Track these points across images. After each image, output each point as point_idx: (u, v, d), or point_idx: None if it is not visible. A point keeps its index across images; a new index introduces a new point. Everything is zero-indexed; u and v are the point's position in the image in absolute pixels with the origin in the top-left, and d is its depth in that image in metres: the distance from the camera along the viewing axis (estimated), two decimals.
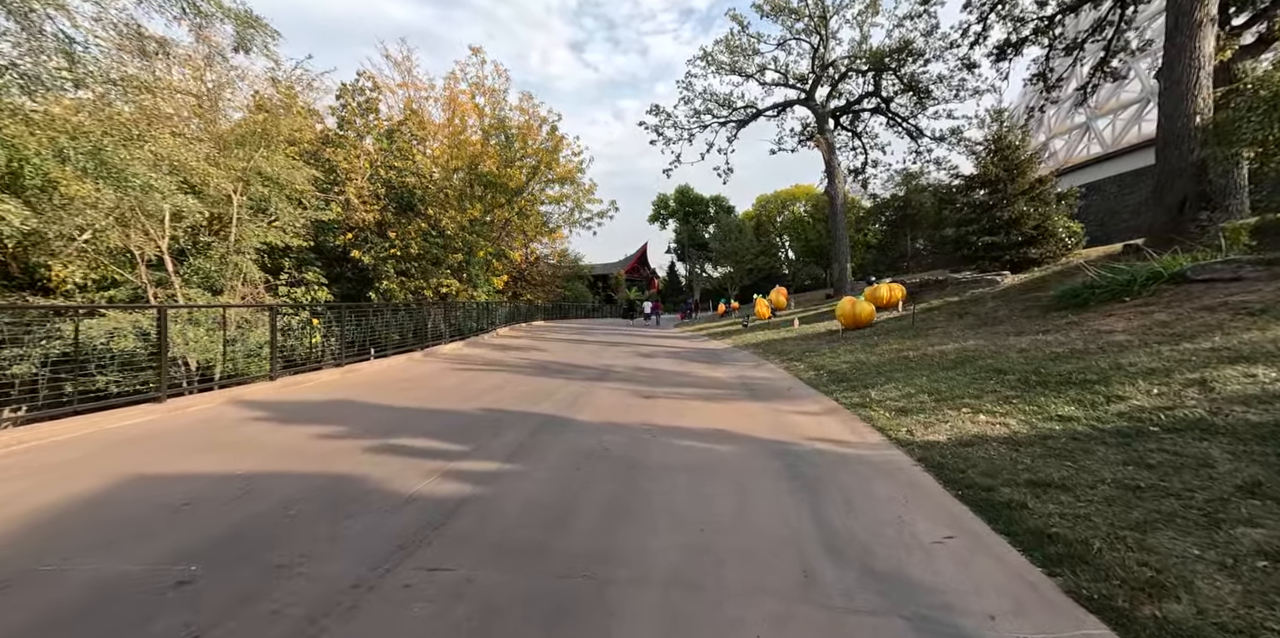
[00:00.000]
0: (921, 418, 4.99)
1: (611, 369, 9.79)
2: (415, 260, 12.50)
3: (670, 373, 9.37)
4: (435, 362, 9.96)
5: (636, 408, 6.20)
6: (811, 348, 11.28)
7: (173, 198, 7.18)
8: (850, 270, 23.60)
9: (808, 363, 9.55)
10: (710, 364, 10.63)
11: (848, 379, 7.52)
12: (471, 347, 13.00)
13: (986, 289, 11.88)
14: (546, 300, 33.06)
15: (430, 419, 5.30)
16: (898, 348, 8.92)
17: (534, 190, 19.42)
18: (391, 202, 12.48)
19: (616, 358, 11.68)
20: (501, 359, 10.91)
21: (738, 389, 7.73)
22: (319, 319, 10.47)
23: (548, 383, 7.99)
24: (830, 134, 24.88)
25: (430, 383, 7.58)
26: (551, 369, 9.67)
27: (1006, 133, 13.29)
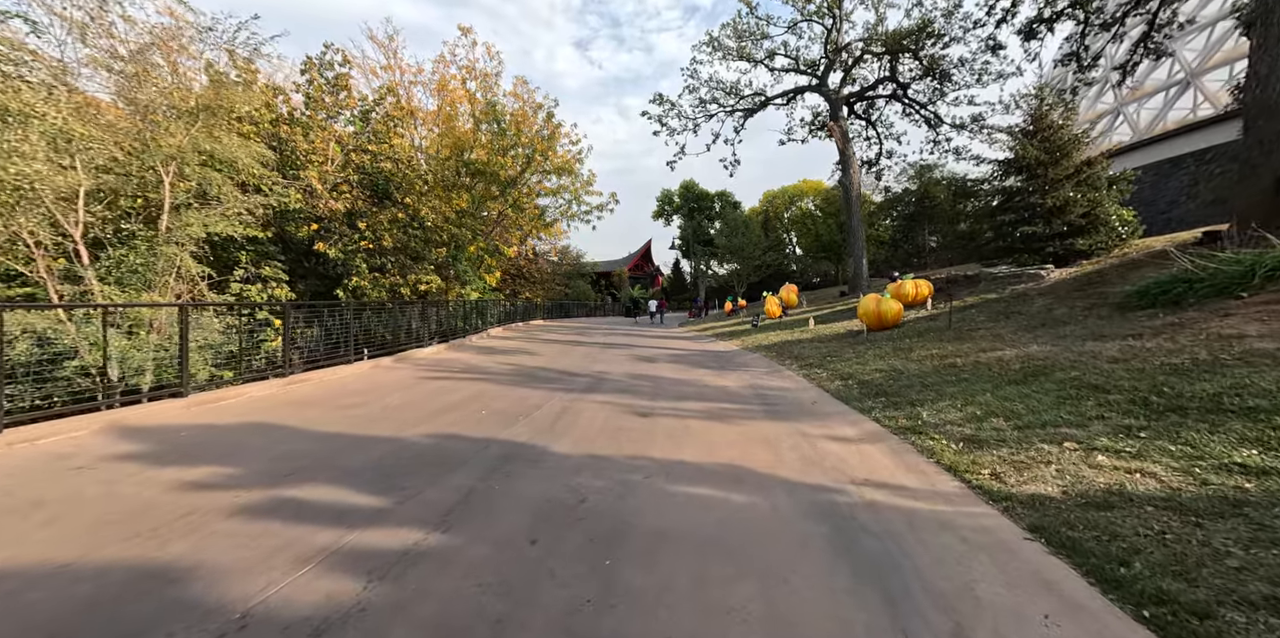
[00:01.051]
0: (1006, 454, 3.73)
1: (606, 377, 8.57)
2: (391, 255, 11.31)
3: (672, 382, 8.14)
4: (406, 369, 8.79)
5: (629, 432, 4.99)
6: (833, 352, 10.01)
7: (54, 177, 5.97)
8: (867, 266, 22.25)
9: (831, 370, 8.29)
10: (718, 371, 9.39)
11: (885, 392, 6.26)
12: (454, 350, 11.82)
13: (1029, 285, 10.56)
14: (547, 299, 31.90)
15: (359, 453, 4.10)
16: (938, 354, 7.63)
17: (529, 182, 18.18)
18: (365, 189, 11.29)
19: (613, 363, 10.47)
20: (483, 365, 9.72)
21: (752, 403, 6.49)
22: (280, 321, 9.32)
23: (528, 396, 6.79)
24: (844, 121, 23.50)
25: (387, 397, 6.39)
26: (538, 377, 8.46)
27: (1048, 110, 11.92)
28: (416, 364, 9.28)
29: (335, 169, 10.78)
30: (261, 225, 9.52)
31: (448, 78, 18.23)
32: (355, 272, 10.61)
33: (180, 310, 5.53)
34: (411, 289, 11.64)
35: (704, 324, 24.06)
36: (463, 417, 5.50)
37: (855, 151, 24.11)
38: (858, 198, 22.45)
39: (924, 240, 27.15)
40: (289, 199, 9.13)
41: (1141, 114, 26.83)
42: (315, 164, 10.17)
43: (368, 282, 10.75)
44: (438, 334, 12.37)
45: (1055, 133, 11.72)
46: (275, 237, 10.10)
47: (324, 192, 9.80)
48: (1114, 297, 7.47)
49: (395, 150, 11.55)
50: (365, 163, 11.06)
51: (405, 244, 11.52)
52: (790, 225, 52.62)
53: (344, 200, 10.62)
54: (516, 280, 29.68)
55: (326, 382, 7.21)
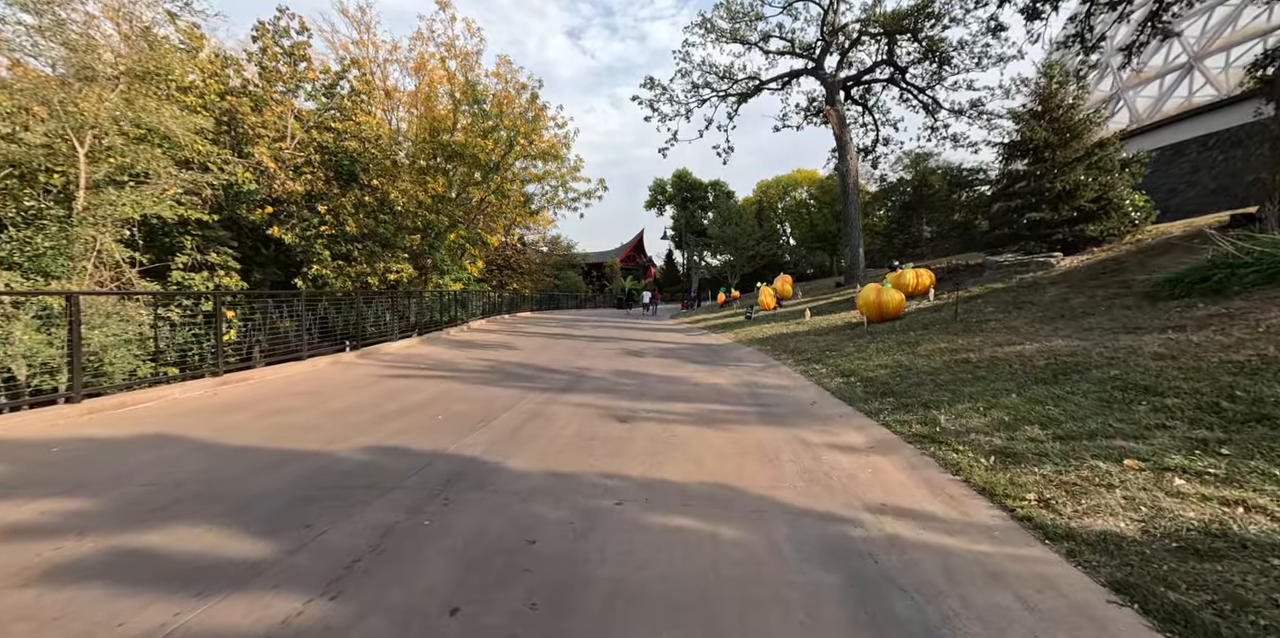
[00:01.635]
0: (1051, 473, 3.09)
1: (587, 374, 7.89)
2: (358, 241, 10.47)
3: (660, 379, 7.47)
4: (368, 365, 8.05)
5: (605, 441, 4.31)
6: (831, 345, 9.37)
7: None
8: (863, 256, 21.62)
9: (831, 365, 7.65)
10: (710, 366, 8.73)
11: (894, 392, 5.61)
12: (428, 344, 11.06)
13: (1038, 274, 9.95)
14: (536, 290, 31.10)
15: (267, 475, 3.39)
16: (948, 348, 7.00)
17: (513, 167, 17.32)
18: (329, 170, 10.42)
19: (598, 357, 9.78)
20: (455, 361, 9.00)
21: (746, 404, 5.84)
22: (234, 312, 8.54)
23: (497, 397, 6.09)
24: (840, 106, 22.73)
25: (333, 400, 5.66)
26: (513, 375, 7.76)
27: (1057, 89, 11.24)
28: (381, 360, 8.54)
29: (295, 147, 9.90)
30: (210, 208, 8.67)
31: (426, 56, 17.28)
32: (316, 259, 9.78)
33: (68, 300, 4.74)
34: (380, 279, 10.85)
35: (696, 316, 23.41)
36: (414, 423, 4.78)
37: (852, 138, 23.37)
38: (855, 185, 21.77)
39: (920, 230, 26.51)
40: (235, 177, 8.25)
41: (1139, 101, 26.26)
42: (266, 139, 9.27)
43: (331, 270, 9.92)
44: (412, 327, 11.61)
45: (1065, 113, 11.06)
46: (228, 221, 9.24)
47: (278, 171, 8.95)
48: (1139, 285, 6.85)
49: (362, 128, 10.69)
50: (329, 141, 10.19)
51: (373, 230, 10.68)
52: (785, 215, 51.96)
53: (303, 182, 9.76)
54: (504, 271, 28.83)
55: (270, 381, 6.47)
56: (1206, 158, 19.93)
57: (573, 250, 44.26)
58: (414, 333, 11.35)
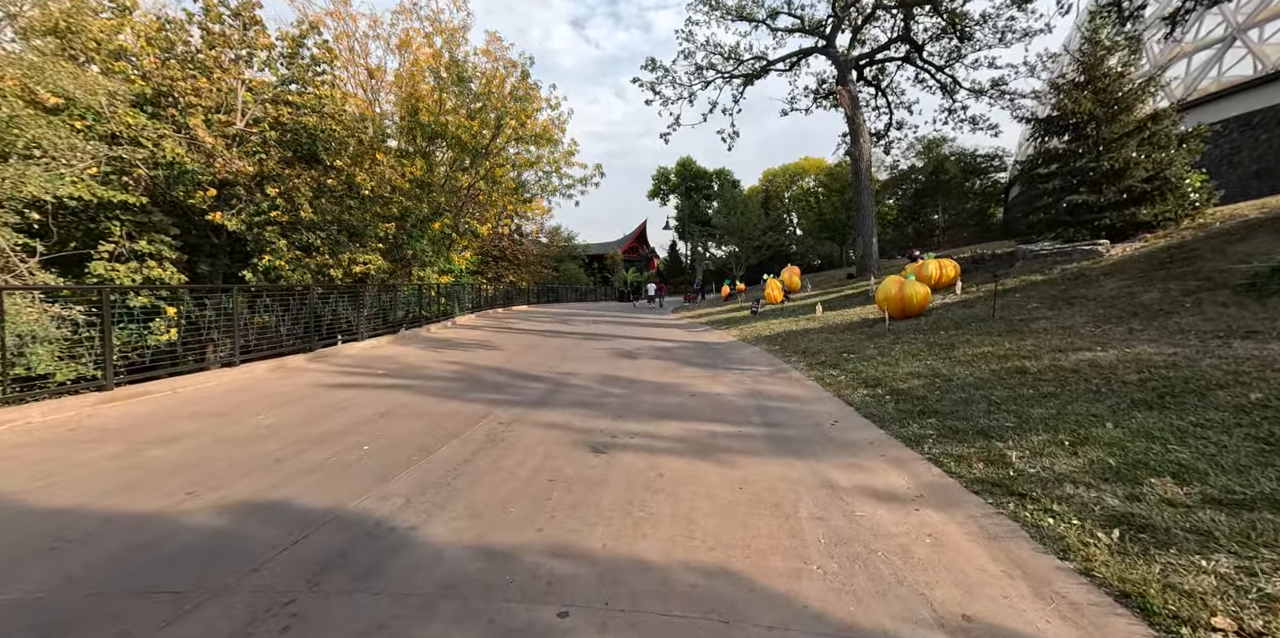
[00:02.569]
0: (1232, 570, 2.01)
1: (569, 381, 6.84)
2: (320, 229, 9.37)
3: (652, 388, 6.41)
4: (316, 371, 7.02)
5: (567, 487, 3.27)
6: (849, 346, 8.28)
7: None
8: (877, 246, 20.38)
9: (851, 372, 6.56)
10: (710, 370, 7.67)
11: (935, 410, 4.54)
12: (400, 343, 10.03)
13: (1084, 264, 8.78)
14: (533, 283, 30.03)
15: (32, 568, 2.35)
16: (993, 352, 5.89)
17: (505, 151, 16.16)
18: (288, 149, 9.29)
19: (587, 359, 8.74)
20: (423, 365, 7.97)
21: (753, 424, 4.78)
22: (175, 309, 7.53)
23: (454, 413, 5.06)
24: (853, 86, 21.36)
25: (238, 424, 4.60)
26: (483, 383, 6.72)
27: (1104, 56, 9.94)
28: (335, 365, 7.51)
29: (247, 123, 8.80)
30: (147, 190, 7.61)
31: (411, 33, 16.06)
32: (270, 249, 8.69)
33: None
34: (345, 271, 9.79)
35: (699, 310, 22.31)
36: (329, 458, 3.74)
37: (865, 120, 22.02)
38: (868, 170, 20.47)
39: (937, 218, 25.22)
40: (164, 152, 7.16)
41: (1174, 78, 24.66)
42: (200, 110, 8.15)
43: (286, 261, 8.85)
44: (385, 324, 10.60)
45: (1113, 83, 9.78)
46: (172, 206, 8.18)
47: (218, 146, 7.85)
48: (1227, 276, 5.71)
49: (323, 102, 9.55)
50: (285, 116, 9.07)
51: (337, 217, 9.58)
52: (792, 205, 50.53)
53: (252, 161, 8.63)
54: (499, 263, 27.74)
55: (179, 395, 5.44)
56: (1249, 138, 18.50)
57: (573, 242, 43.12)
58: (387, 331, 10.33)
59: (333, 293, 8.58)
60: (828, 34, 22.47)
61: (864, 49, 23.08)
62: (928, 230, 39.67)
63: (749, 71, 24.79)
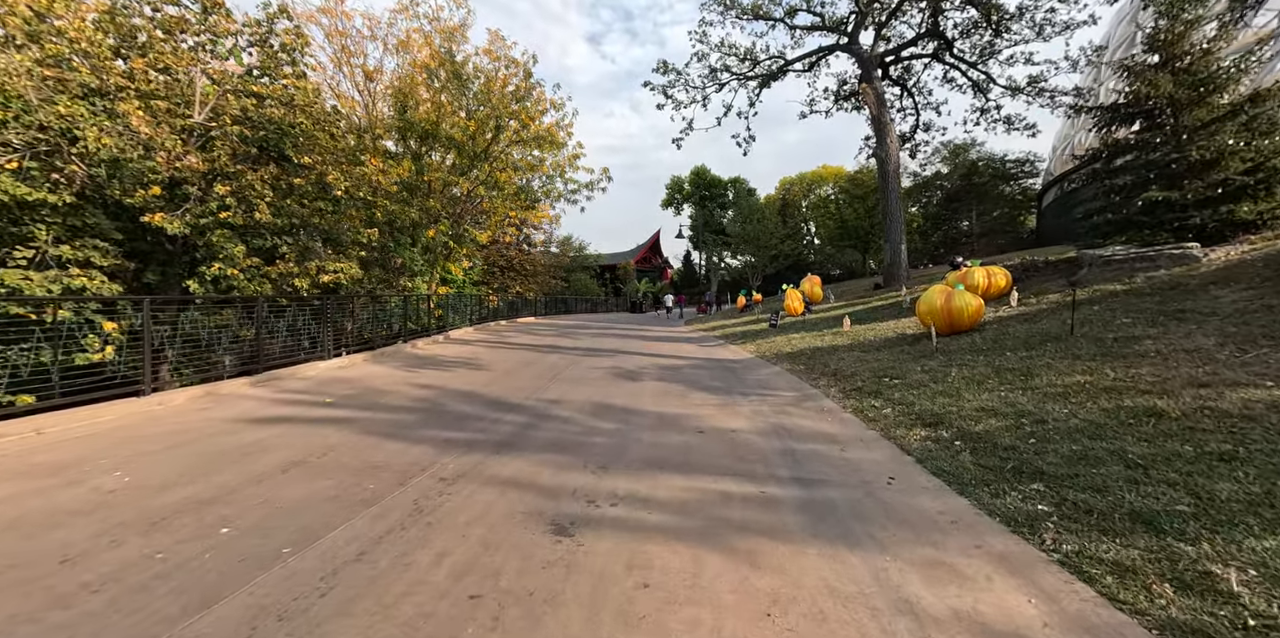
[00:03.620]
0: None
1: (552, 412, 5.67)
2: (287, 234, 8.37)
3: (650, 421, 5.20)
4: (252, 399, 5.95)
5: (490, 617, 2.06)
6: (889, 368, 6.96)
7: None
8: (906, 254, 18.93)
9: (898, 403, 5.27)
10: (724, 395, 6.42)
11: (1039, 470, 3.24)
12: (374, 362, 8.97)
13: (1176, 271, 7.37)
14: (542, 293, 29.09)
15: None
16: (1093, 382, 4.55)
17: (507, 155, 15.24)
18: (253, 145, 8.35)
19: (581, 381, 7.57)
20: (386, 389, 6.86)
21: (779, 480, 3.56)
22: (116, 324, 6.57)
23: (386, 464, 3.91)
24: (878, 83, 20.12)
25: (67, 488, 3.45)
26: (445, 415, 5.58)
27: (1185, 30, 8.56)
28: (281, 390, 6.44)
29: (207, 115, 7.88)
30: (80, 188, 6.71)
31: (411, 33, 15.35)
32: (222, 255, 7.67)
33: None
34: (312, 281, 8.79)
35: (713, 322, 21.03)
36: (140, 558, 2.58)
37: (892, 119, 20.72)
38: (896, 173, 19.11)
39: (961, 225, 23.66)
40: (86, 142, 6.22)
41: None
42: (131, 93, 7.18)
43: (242, 268, 7.82)
44: (361, 340, 9.59)
45: (1199, 61, 8.39)
46: (117, 206, 7.28)
47: (161, 137, 6.90)
48: None
49: (293, 93, 8.63)
50: (249, 108, 8.14)
51: (306, 220, 8.61)
52: (810, 213, 49.14)
53: (201, 158, 7.64)
54: (506, 273, 26.89)
55: (43, 437, 4.37)
56: None
57: (584, 251, 42.28)
58: (364, 347, 9.31)
59: (290, 306, 7.55)
60: (850, 31, 21.33)
61: (889, 46, 21.87)
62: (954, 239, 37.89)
63: (765, 72, 23.74)
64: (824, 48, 22.57)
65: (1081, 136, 31.52)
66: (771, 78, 23.79)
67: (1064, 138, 34.95)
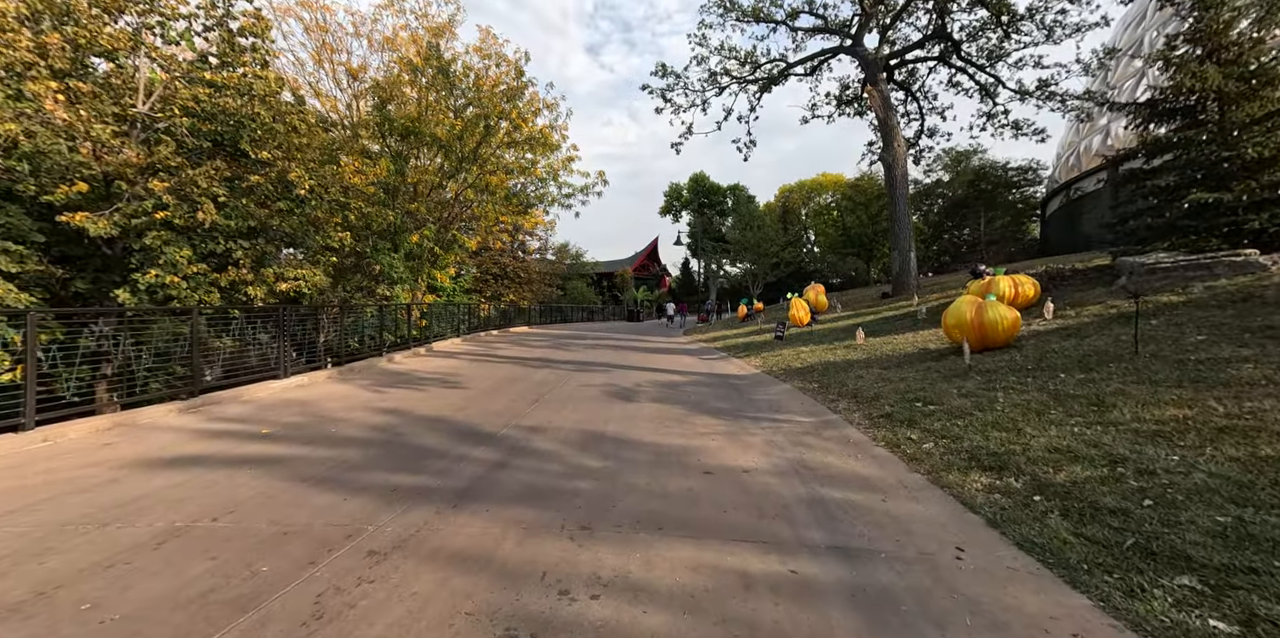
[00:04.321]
0: None
1: (529, 444, 4.80)
2: (244, 238, 7.47)
3: (646, 457, 4.35)
4: (176, 430, 5.07)
5: None
6: (918, 388, 6.10)
7: None
8: (915, 261, 18.15)
9: (940, 435, 4.41)
10: (731, 420, 5.55)
11: (1187, 557, 2.38)
12: (340, 380, 8.08)
13: (1240, 280, 6.58)
14: (536, 302, 28.24)
15: None
16: (1196, 418, 3.71)
17: (498, 156, 14.48)
18: (205, 139, 7.50)
19: (568, 403, 6.70)
20: (340, 416, 5.97)
21: (809, 549, 2.70)
22: (18, 336, 5.67)
23: (300, 530, 3.05)
24: (884, 85, 19.49)
25: None
26: (400, 451, 4.70)
27: (1231, 19, 7.84)
28: (213, 418, 5.54)
29: (153, 105, 7.07)
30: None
31: (397, 30, 14.65)
32: (160, 260, 6.76)
33: None
34: (269, 290, 7.91)
35: (713, 333, 20.17)
36: None
37: (898, 122, 20.07)
38: (903, 178, 18.40)
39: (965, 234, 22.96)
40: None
41: None
42: (45, 74, 6.30)
43: (186, 276, 6.90)
44: (331, 354, 8.71)
45: (1249, 51, 7.66)
46: (45, 206, 6.43)
47: (81, 125, 6.03)
48: None
49: (250, 83, 7.81)
50: (201, 97, 7.31)
51: (264, 221, 7.73)
52: (810, 221, 48.57)
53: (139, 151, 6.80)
54: (500, 281, 26.06)
55: None
56: None
57: (581, 259, 41.56)
58: (331, 362, 8.43)
59: (237, 318, 6.67)
60: (853, 33, 20.76)
61: (893, 49, 21.30)
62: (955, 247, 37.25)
63: (766, 76, 23.14)
64: (827, 50, 22.00)
65: (1091, 142, 31.01)
66: (773, 82, 23.20)
67: (1069, 145, 34.48)
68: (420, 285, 14.38)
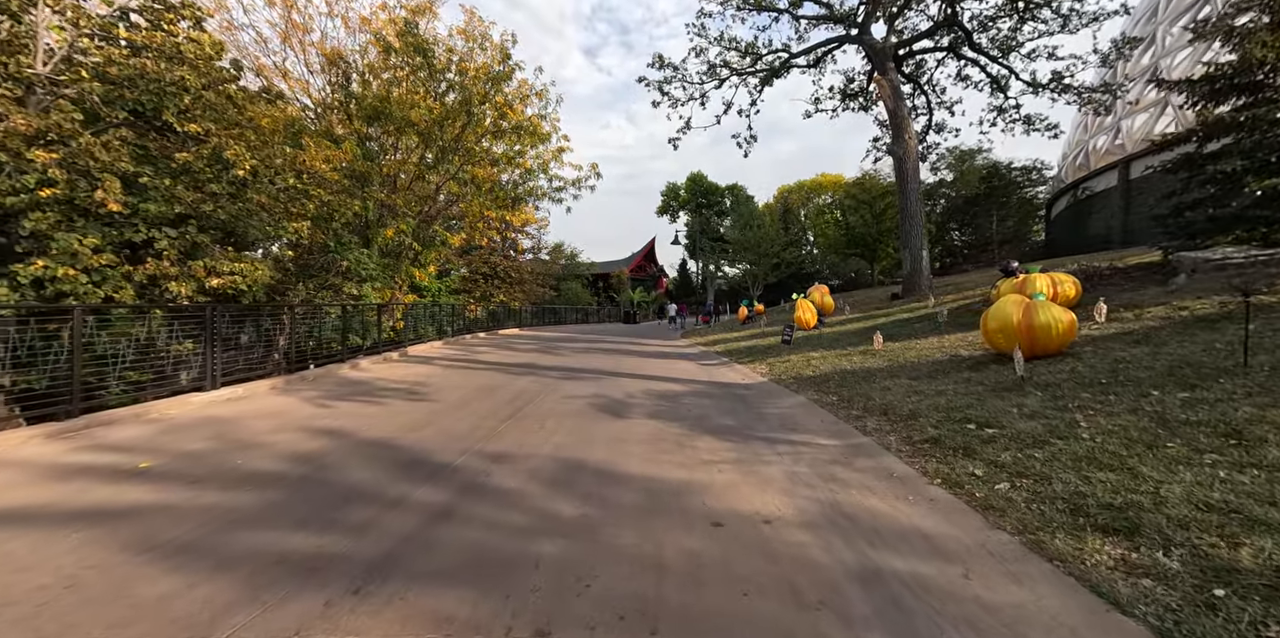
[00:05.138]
0: None
1: (487, 482, 3.78)
2: (171, 225, 6.36)
3: (636, 500, 3.34)
4: (24, 464, 4.01)
5: None
6: (964, 406, 5.08)
7: None
8: (928, 260, 17.15)
9: (1016, 473, 3.41)
10: (740, 443, 4.51)
11: None
12: (286, 390, 7.01)
13: None
14: (529, 302, 27.15)
15: None
16: None
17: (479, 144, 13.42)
18: (115, 107, 6.36)
19: (545, 422, 5.67)
20: (264, 441, 4.92)
21: None
22: None
23: None
24: (893, 74, 18.53)
25: None
26: (319, 496, 3.67)
27: None
28: (86, 445, 4.48)
29: (55, 66, 5.99)
30: None
31: (375, 9, 13.60)
32: (56, 248, 5.60)
33: None
34: (199, 286, 6.82)
35: (713, 336, 19.14)
36: None
37: (909, 113, 19.11)
38: (915, 172, 17.41)
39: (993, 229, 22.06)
40: None
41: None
42: None
43: (86, 269, 5.76)
44: (282, 360, 7.66)
45: None
46: None
47: None
48: None
49: (178, 42, 6.66)
50: (116, 59, 6.16)
51: (194, 206, 6.63)
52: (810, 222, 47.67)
53: (33, 117, 5.66)
54: (490, 281, 24.97)
55: None
56: None
57: (576, 259, 40.52)
58: (280, 369, 7.38)
59: (140, 318, 5.57)
60: (860, 22, 19.81)
61: (901, 38, 20.37)
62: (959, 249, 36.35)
63: (767, 68, 22.17)
64: (832, 40, 21.04)
65: (1099, 141, 30.17)
66: (774, 74, 22.23)
67: (1076, 144, 33.67)
68: (400, 284, 13.31)
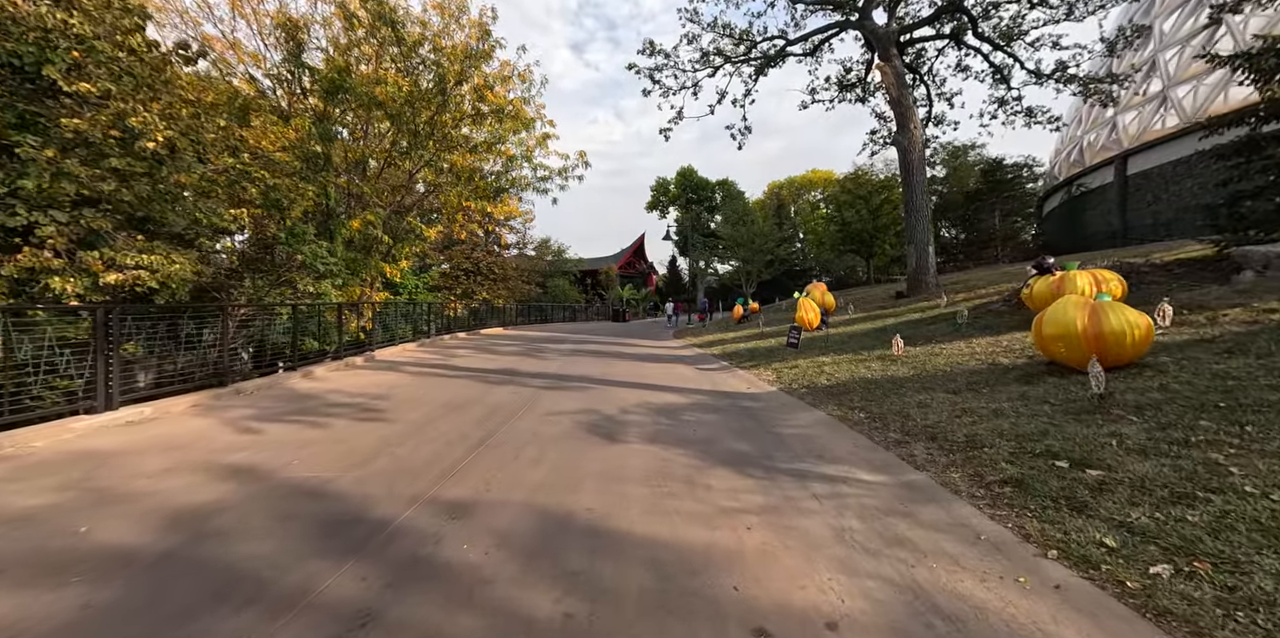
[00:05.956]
0: None
1: (436, 554, 2.70)
2: (56, 208, 5.14)
3: (640, 590, 2.27)
4: None
5: None
6: (1036, 431, 4.15)
7: None
8: (934, 257, 16.34)
9: (1178, 550, 2.47)
10: (764, 481, 3.52)
11: None
12: (212, 409, 5.87)
13: None
14: (514, 300, 25.94)
15: None
16: None
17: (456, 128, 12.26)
18: None
19: (523, 451, 4.64)
20: (132, 493, 3.82)
21: None
22: None
23: None
24: (897, 61, 17.67)
25: None
26: (141, 613, 2.55)
27: None
28: None
29: None
30: None
31: None
32: None
33: None
34: (94, 281, 5.68)
35: (708, 336, 18.18)
36: None
37: (914, 102, 18.28)
38: (920, 163, 16.58)
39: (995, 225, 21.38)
40: None
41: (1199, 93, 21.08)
42: None
43: None
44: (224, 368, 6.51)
45: None
46: None
47: None
48: None
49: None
50: None
51: (90, 186, 5.44)
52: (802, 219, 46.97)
53: None
54: (472, 278, 23.75)
55: None
56: None
57: (563, 255, 39.31)
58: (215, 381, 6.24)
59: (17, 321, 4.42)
60: (860, 7, 18.91)
61: (902, 25, 19.53)
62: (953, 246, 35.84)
63: (762, 56, 21.23)
64: (831, 26, 20.13)
65: (1095, 137, 29.71)
66: (769, 62, 21.30)
67: (1070, 140, 33.29)
68: (370, 281, 12.12)
